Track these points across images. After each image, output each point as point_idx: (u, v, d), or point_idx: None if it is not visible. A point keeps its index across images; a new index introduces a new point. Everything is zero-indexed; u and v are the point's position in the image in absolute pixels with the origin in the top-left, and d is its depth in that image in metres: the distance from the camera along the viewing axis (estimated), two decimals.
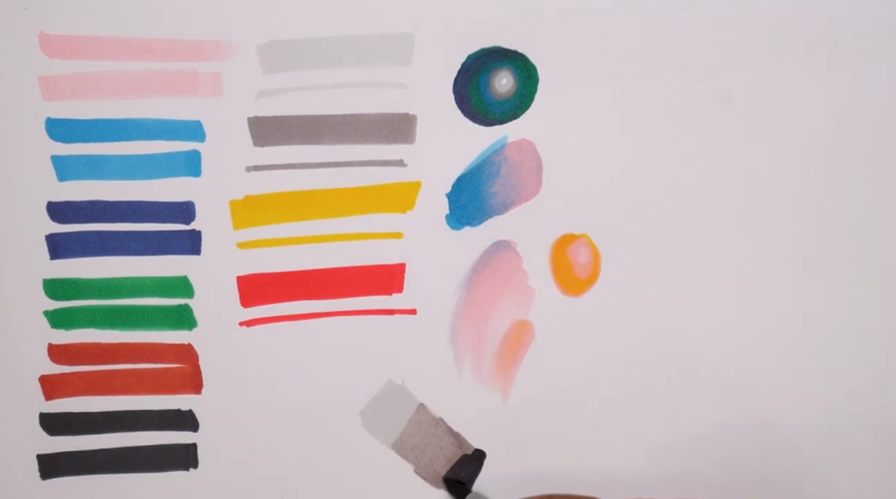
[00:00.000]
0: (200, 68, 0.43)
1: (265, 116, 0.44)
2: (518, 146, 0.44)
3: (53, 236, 0.44)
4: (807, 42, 0.43)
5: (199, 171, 0.44)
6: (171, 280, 0.44)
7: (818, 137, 0.44)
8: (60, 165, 0.44)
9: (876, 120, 0.44)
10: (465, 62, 0.44)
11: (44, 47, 0.43)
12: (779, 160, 0.44)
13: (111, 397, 0.45)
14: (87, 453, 0.45)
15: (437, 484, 0.45)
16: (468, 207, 0.44)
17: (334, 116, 0.44)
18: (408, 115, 0.44)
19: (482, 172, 0.44)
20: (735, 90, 0.43)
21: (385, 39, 0.43)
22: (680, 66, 0.43)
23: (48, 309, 0.44)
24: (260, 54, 0.43)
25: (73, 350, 0.44)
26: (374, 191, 0.44)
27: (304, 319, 0.45)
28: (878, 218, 0.44)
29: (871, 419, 0.45)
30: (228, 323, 0.44)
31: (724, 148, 0.44)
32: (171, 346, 0.45)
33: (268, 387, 0.45)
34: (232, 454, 0.45)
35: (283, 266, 0.44)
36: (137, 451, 0.45)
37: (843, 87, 0.44)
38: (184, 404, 0.45)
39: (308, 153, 0.44)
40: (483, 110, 0.44)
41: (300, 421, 0.45)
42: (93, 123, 0.44)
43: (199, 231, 0.44)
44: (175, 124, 0.44)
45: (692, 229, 0.44)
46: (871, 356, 0.45)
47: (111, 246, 0.44)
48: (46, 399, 0.45)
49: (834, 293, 0.44)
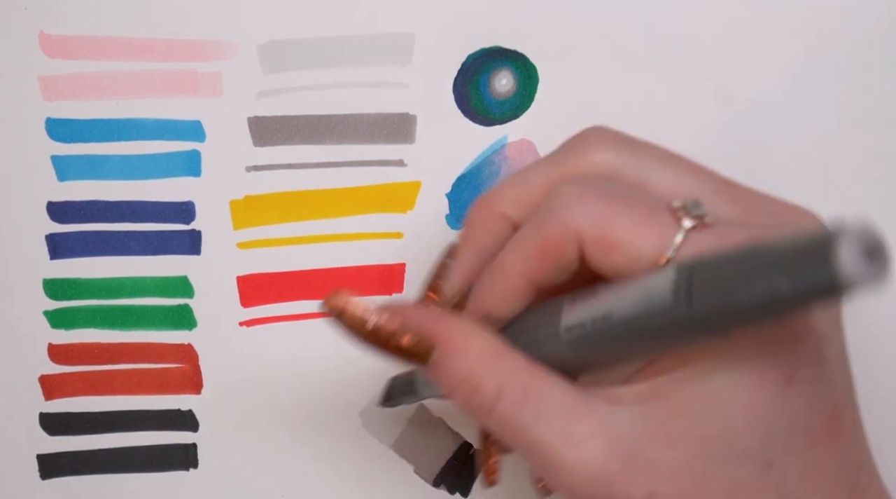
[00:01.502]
0: (200, 68, 0.43)
1: (265, 116, 0.44)
2: (518, 146, 0.44)
3: (53, 236, 0.44)
4: (807, 42, 0.43)
5: (199, 171, 0.44)
6: (171, 280, 0.44)
7: (819, 137, 0.44)
8: (60, 165, 0.44)
9: (876, 120, 0.44)
10: (465, 62, 0.44)
11: (44, 47, 0.43)
12: (779, 160, 0.44)
13: (111, 397, 0.45)
14: (87, 453, 0.45)
15: (436, 483, 0.45)
16: (468, 207, 0.44)
17: (334, 116, 0.44)
18: (408, 115, 0.44)
19: (482, 172, 0.44)
20: (735, 90, 0.43)
21: (385, 39, 0.43)
22: (680, 66, 0.43)
23: (48, 309, 0.44)
24: (260, 54, 0.43)
25: (73, 350, 0.45)
26: (374, 191, 0.44)
27: (304, 319, 0.45)
28: (879, 218, 0.44)
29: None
30: (228, 323, 0.45)
31: (725, 148, 0.44)
32: (171, 346, 0.45)
33: (268, 387, 0.45)
34: (232, 454, 0.45)
35: (283, 266, 0.44)
36: (137, 451, 0.45)
37: (844, 87, 0.44)
38: (184, 404, 0.45)
39: (308, 153, 0.44)
40: (483, 110, 0.44)
41: (300, 421, 0.45)
42: (93, 123, 0.44)
43: (199, 231, 0.44)
44: (175, 124, 0.44)
45: None
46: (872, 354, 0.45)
47: (111, 246, 0.44)
48: (46, 399, 0.45)
49: None
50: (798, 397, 0.31)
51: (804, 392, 0.31)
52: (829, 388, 0.32)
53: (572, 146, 0.35)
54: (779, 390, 0.30)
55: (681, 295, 0.29)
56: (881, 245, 0.25)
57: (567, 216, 0.32)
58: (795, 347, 0.31)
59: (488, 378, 0.32)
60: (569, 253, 0.32)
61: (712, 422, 0.31)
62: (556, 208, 0.33)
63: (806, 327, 0.31)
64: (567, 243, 0.32)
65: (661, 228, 0.31)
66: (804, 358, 0.31)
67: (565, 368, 0.33)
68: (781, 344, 0.31)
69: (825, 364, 0.32)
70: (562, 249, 0.32)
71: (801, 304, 0.27)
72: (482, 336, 0.33)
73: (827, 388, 0.32)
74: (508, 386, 0.32)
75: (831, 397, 0.32)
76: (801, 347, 0.31)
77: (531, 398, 0.32)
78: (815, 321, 0.31)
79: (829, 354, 0.32)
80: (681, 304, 0.29)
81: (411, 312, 0.34)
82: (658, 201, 0.32)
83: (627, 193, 0.32)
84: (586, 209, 0.32)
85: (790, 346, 0.31)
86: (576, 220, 0.32)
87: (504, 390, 0.32)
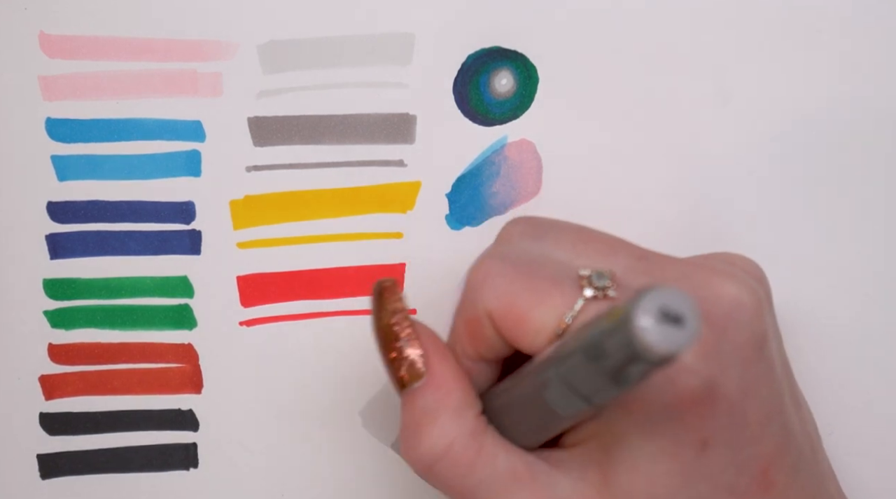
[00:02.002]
0: (200, 68, 0.43)
1: (265, 116, 0.44)
2: (518, 146, 0.44)
3: (53, 236, 0.44)
4: (807, 42, 0.43)
5: (199, 171, 0.44)
6: (171, 280, 0.44)
7: (819, 138, 0.44)
8: (60, 165, 0.44)
9: (876, 120, 0.44)
10: (465, 62, 0.44)
11: (44, 47, 0.43)
12: (779, 161, 0.44)
13: (111, 397, 0.45)
14: (87, 452, 0.45)
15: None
16: (468, 207, 0.44)
17: (334, 116, 0.44)
18: (408, 115, 0.44)
19: (482, 172, 0.44)
20: (735, 90, 0.43)
21: (385, 39, 0.43)
22: (680, 66, 0.43)
23: (48, 309, 0.44)
24: (260, 54, 0.43)
25: (73, 350, 0.45)
26: (374, 191, 0.44)
27: (304, 319, 0.45)
28: (879, 218, 0.44)
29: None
30: (228, 323, 0.45)
31: (725, 148, 0.44)
32: (171, 346, 0.45)
33: (268, 387, 0.45)
34: (232, 454, 0.45)
35: (283, 266, 0.44)
36: (137, 451, 0.45)
37: (844, 87, 0.44)
38: (184, 404, 0.45)
39: (308, 153, 0.44)
40: (483, 110, 0.44)
41: (300, 421, 0.45)
42: (93, 123, 0.44)
43: (199, 231, 0.44)
44: (175, 124, 0.44)
45: (692, 229, 0.44)
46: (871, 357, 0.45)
47: (111, 246, 0.44)
48: (46, 399, 0.45)
49: (835, 294, 0.44)
50: (716, 460, 0.32)
51: (722, 454, 0.32)
52: (753, 447, 0.33)
53: (497, 239, 0.37)
54: (694, 455, 0.32)
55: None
56: (680, 310, 0.25)
57: (477, 298, 0.34)
58: (705, 414, 0.31)
59: (442, 432, 0.33)
60: (486, 331, 0.34)
61: (639, 492, 0.32)
62: (468, 290, 0.34)
63: (715, 395, 0.32)
64: (481, 324, 0.34)
65: (562, 298, 0.32)
66: (717, 424, 0.32)
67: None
68: (690, 413, 0.31)
69: (746, 426, 0.32)
70: (479, 329, 0.34)
71: (625, 372, 0.28)
72: (463, 391, 0.34)
73: (751, 447, 0.32)
74: (458, 445, 0.33)
75: (757, 455, 0.33)
76: (712, 414, 0.32)
77: (478, 462, 0.33)
78: (727, 389, 0.32)
79: (751, 417, 0.32)
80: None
81: (428, 338, 0.35)
82: (564, 272, 0.33)
83: (534, 267, 0.33)
84: (492, 288, 0.33)
85: (700, 414, 0.31)
86: (483, 300, 0.33)
87: (452, 449, 0.33)
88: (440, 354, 0.35)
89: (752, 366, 0.32)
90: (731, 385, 0.32)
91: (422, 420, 0.34)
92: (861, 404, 0.44)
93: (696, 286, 0.33)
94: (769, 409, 0.33)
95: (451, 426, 0.33)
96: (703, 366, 0.31)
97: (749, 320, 0.32)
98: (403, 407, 0.34)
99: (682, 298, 0.25)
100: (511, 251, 0.34)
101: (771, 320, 0.35)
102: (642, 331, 0.25)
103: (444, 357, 0.35)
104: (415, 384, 0.34)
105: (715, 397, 0.31)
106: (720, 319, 0.32)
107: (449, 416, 0.34)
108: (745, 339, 0.32)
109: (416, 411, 0.34)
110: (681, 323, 0.25)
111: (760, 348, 0.33)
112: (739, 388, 0.32)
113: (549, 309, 0.32)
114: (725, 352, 0.32)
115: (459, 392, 0.34)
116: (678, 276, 0.33)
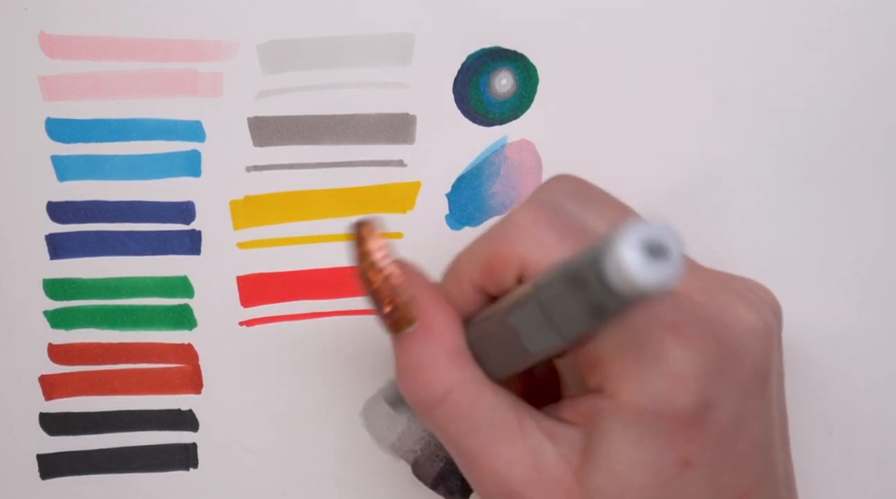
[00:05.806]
0: (200, 68, 0.43)
1: (265, 116, 0.44)
2: (518, 146, 0.44)
3: (53, 236, 0.44)
4: (807, 42, 0.43)
5: (199, 171, 0.44)
6: (171, 280, 0.44)
7: (819, 138, 0.44)
8: (60, 165, 0.44)
9: (876, 120, 0.44)
10: (465, 62, 0.44)
11: (44, 47, 0.43)
12: (780, 161, 0.44)
13: (111, 397, 0.45)
14: (87, 453, 0.45)
15: (434, 485, 0.45)
16: (468, 207, 0.44)
17: (334, 116, 0.44)
18: (408, 115, 0.44)
19: (482, 172, 0.44)
20: (735, 90, 0.43)
21: (385, 39, 0.43)
22: (680, 66, 0.43)
23: (48, 309, 0.44)
24: (260, 54, 0.43)
25: (73, 350, 0.45)
26: (374, 191, 0.44)
27: (304, 318, 0.45)
28: (879, 218, 0.44)
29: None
30: (228, 323, 0.45)
31: (725, 148, 0.44)
32: (171, 346, 0.45)
33: (268, 387, 0.45)
34: (232, 454, 0.45)
35: (283, 266, 0.44)
36: (137, 451, 0.45)
37: (844, 88, 0.44)
38: (184, 404, 0.45)
39: (308, 153, 0.44)
40: (483, 110, 0.44)
41: (300, 421, 0.45)
42: (93, 123, 0.44)
43: (199, 231, 0.44)
44: (175, 124, 0.44)
45: (692, 229, 0.44)
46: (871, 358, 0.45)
47: (111, 246, 0.44)
48: (46, 399, 0.45)
49: (835, 294, 0.44)
50: (695, 480, 0.32)
51: (702, 477, 0.32)
52: (735, 475, 0.32)
53: (540, 189, 0.35)
54: (674, 473, 0.32)
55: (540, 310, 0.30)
56: (665, 244, 0.25)
57: (517, 240, 0.33)
58: (692, 435, 0.31)
59: (442, 378, 0.33)
60: (508, 274, 0.33)
61: (611, 496, 0.32)
62: (509, 227, 0.33)
63: (707, 419, 0.31)
64: (509, 265, 0.33)
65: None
66: (702, 447, 0.32)
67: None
68: (680, 431, 0.31)
69: (732, 454, 0.32)
70: (503, 268, 0.33)
71: (602, 304, 0.27)
72: (456, 335, 0.34)
73: (733, 475, 0.32)
74: (457, 392, 0.33)
75: (737, 484, 0.33)
76: (699, 436, 0.31)
77: (474, 411, 0.33)
78: (721, 415, 0.32)
79: (739, 447, 0.32)
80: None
81: (418, 280, 0.34)
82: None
83: (581, 236, 0.33)
84: (537, 239, 0.32)
85: (688, 435, 0.31)
86: (523, 244, 0.32)
87: (451, 395, 0.33)
88: (432, 296, 0.34)
89: (750, 398, 0.32)
90: (725, 412, 0.32)
91: (420, 365, 0.33)
92: (861, 404, 0.44)
93: (718, 305, 0.33)
94: (758, 443, 0.33)
95: (449, 373, 0.33)
96: (704, 386, 0.31)
97: (759, 352, 0.32)
98: (397, 351, 0.34)
99: (668, 233, 0.25)
100: (560, 208, 0.33)
101: (778, 357, 0.35)
102: (623, 260, 0.25)
103: (437, 300, 0.34)
104: (407, 329, 0.33)
105: (707, 420, 0.31)
106: (732, 344, 0.32)
107: (447, 361, 0.33)
108: (751, 369, 0.32)
109: (412, 357, 0.33)
110: (664, 258, 0.25)
111: (763, 382, 0.33)
112: (733, 417, 0.32)
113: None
114: (729, 378, 0.32)
115: (454, 336, 0.33)
116: (703, 288, 0.33)
